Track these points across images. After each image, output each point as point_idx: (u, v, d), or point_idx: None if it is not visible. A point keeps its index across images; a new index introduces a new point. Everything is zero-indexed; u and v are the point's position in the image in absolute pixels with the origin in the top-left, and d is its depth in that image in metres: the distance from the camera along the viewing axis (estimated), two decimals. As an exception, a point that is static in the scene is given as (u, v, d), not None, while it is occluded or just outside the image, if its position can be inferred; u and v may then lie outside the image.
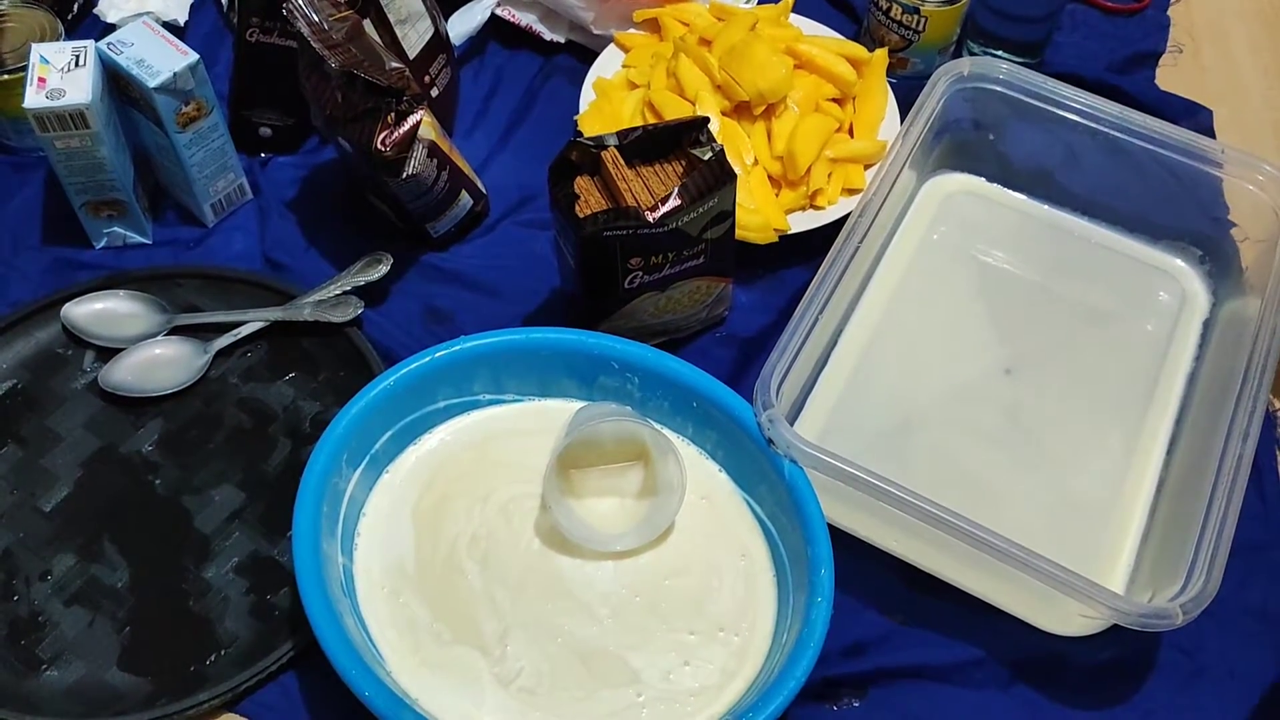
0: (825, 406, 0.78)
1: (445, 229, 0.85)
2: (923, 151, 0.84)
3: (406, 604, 0.65)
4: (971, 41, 0.99)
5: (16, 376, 0.78)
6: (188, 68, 0.76)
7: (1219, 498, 0.66)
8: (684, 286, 0.76)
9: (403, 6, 0.84)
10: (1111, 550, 0.73)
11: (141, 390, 0.77)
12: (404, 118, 0.75)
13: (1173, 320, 0.84)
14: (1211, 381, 0.78)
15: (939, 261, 0.86)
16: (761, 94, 0.84)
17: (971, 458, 0.77)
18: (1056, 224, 0.88)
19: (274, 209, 0.87)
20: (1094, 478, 0.76)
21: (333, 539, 0.65)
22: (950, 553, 0.68)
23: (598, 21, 0.94)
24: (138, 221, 0.83)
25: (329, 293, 0.81)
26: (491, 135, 0.93)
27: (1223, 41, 1.05)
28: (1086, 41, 1.01)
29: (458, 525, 0.68)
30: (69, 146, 0.76)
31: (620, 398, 0.72)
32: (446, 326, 0.82)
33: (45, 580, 0.70)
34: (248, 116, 0.88)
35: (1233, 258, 0.83)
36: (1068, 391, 0.80)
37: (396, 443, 0.70)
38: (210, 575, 0.71)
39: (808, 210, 0.85)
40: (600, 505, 0.70)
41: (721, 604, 0.67)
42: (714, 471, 0.72)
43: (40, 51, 0.76)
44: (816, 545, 0.64)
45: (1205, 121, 0.96)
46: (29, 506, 0.73)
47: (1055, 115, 0.84)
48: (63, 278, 0.83)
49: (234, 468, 0.75)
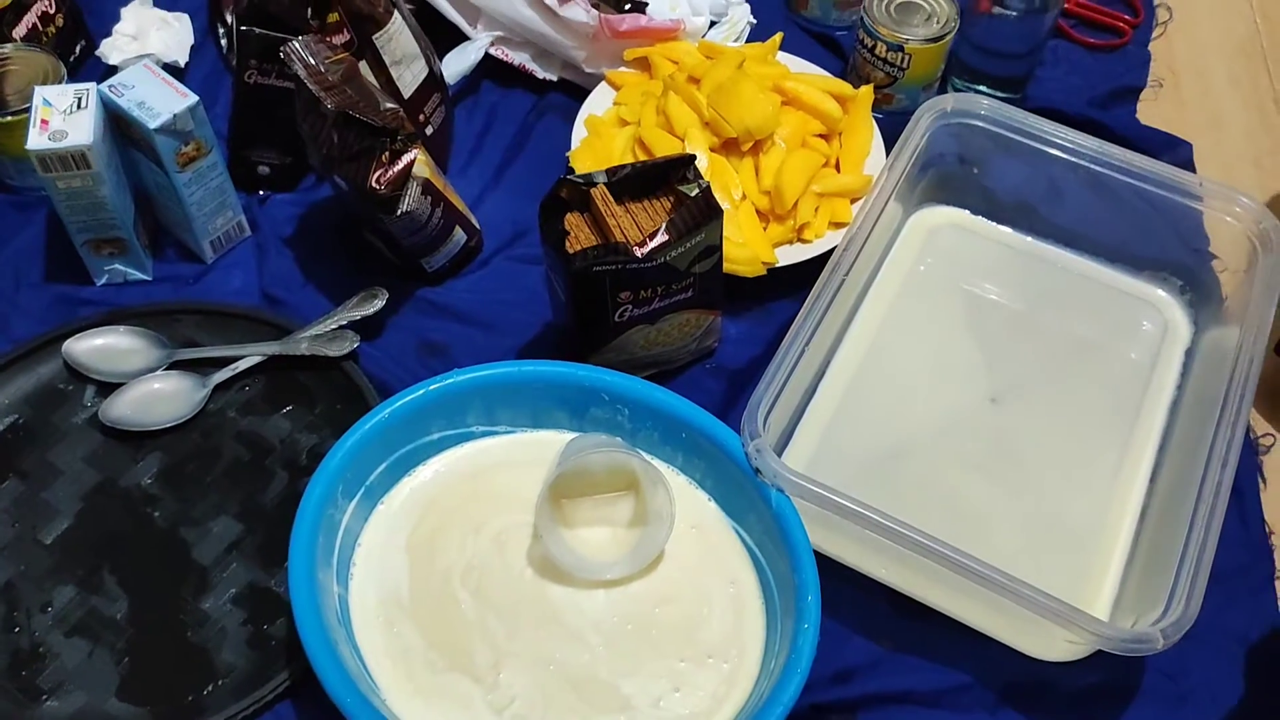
0: (813, 436, 0.79)
1: (440, 264, 0.86)
2: (908, 185, 0.85)
3: (401, 633, 0.66)
4: (955, 78, 1.01)
5: (18, 411, 0.79)
6: (188, 109, 0.78)
7: (1199, 524, 0.67)
8: (674, 319, 0.77)
9: (398, 48, 0.86)
10: (1096, 576, 0.74)
11: (141, 424, 0.78)
12: (398, 156, 0.77)
13: (1155, 349, 0.85)
14: (1193, 409, 0.79)
15: (925, 293, 0.88)
16: (749, 130, 0.86)
17: (958, 486, 0.78)
18: (1040, 255, 0.90)
19: (272, 245, 0.89)
20: (1079, 505, 0.77)
21: (328, 569, 0.67)
22: (937, 579, 0.69)
23: (589, 60, 0.96)
24: (138, 259, 0.85)
25: (325, 327, 0.82)
26: (485, 172, 0.95)
27: (1202, 76, 1.07)
28: (1068, 77, 1.03)
29: (451, 555, 0.69)
30: (71, 186, 0.78)
31: (611, 429, 0.74)
32: (441, 360, 0.83)
33: (46, 612, 0.71)
34: (246, 155, 0.90)
35: (1213, 288, 0.85)
36: (1053, 420, 0.81)
37: (391, 474, 0.72)
38: (208, 606, 0.72)
39: (795, 244, 0.86)
40: (592, 534, 0.71)
41: (711, 631, 0.68)
42: (703, 501, 0.73)
43: (43, 94, 0.78)
44: (803, 572, 0.65)
45: (1185, 155, 0.97)
46: (30, 539, 0.74)
47: (1038, 150, 0.85)
48: (64, 314, 0.84)
49: (232, 500, 0.76)
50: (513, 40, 0.98)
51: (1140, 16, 1.08)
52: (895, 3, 0.96)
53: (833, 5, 1.04)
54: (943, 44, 0.95)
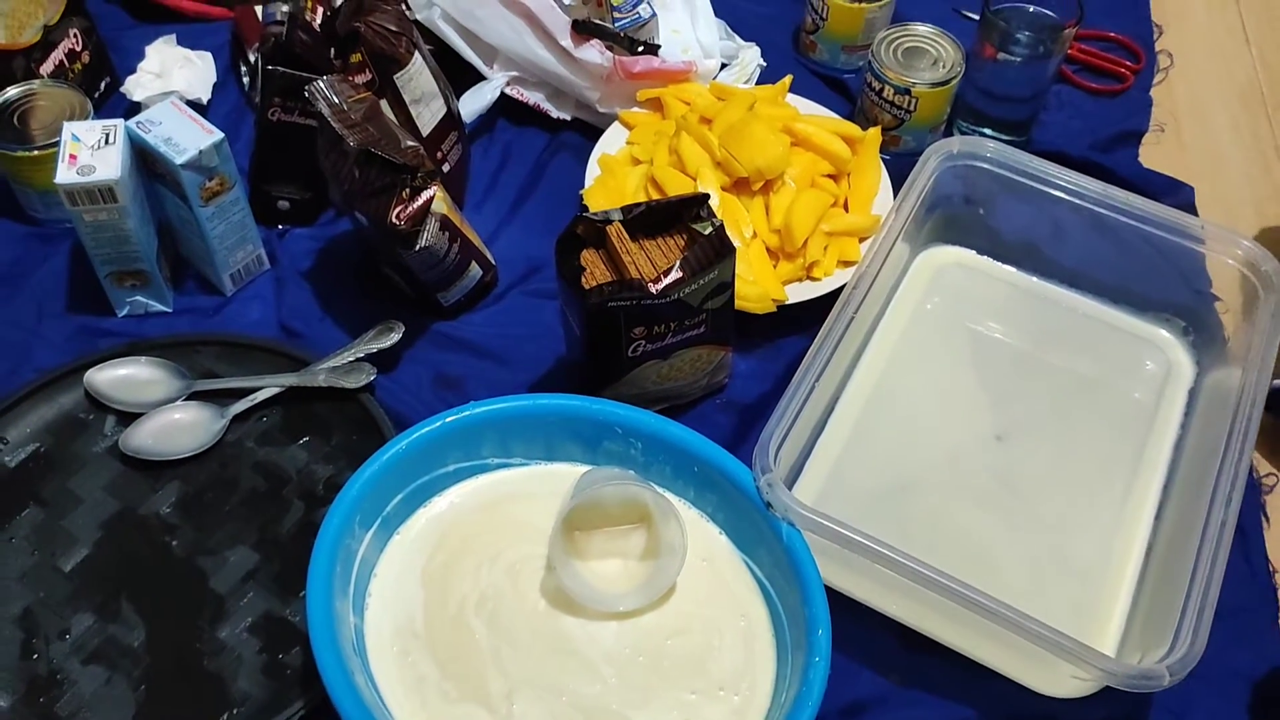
0: (822, 471, 0.80)
1: (455, 298, 0.88)
2: (915, 225, 0.87)
3: (415, 662, 0.67)
4: (961, 120, 1.03)
5: (40, 440, 0.80)
6: (213, 145, 0.80)
7: (1204, 561, 0.68)
8: (686, 355, 0.78)
9: (417, 87, 0.88)
10: (1102, 612, 0.75)
11: (161, 454, 0.79)
12: (418, 193, 0.79)
13: (1159, 389, 0.86)
14: (1197, 449, 0.80)
15: (932, 331, 0.89)
16: (760, 170, 0.88)
17: (965, 521, 0.79)
18: (1045, 295, 0.91)
19: (290, 279, 0.90)
20: (1085, 541, 0.78)
21: (345, 598, 0.67)
22: (945, 614, 0.70)
23: (603, 100, 0.98)
24: (159, 291, 0.86)
25: (342, 359, 0.83)
26: (500, 208, 0.96)
27: (1204, 121, 1.09)
28: (1072, 120, 1.05)
29: (466, 585, 0.70)
30: (97, 219, 0.80)
31: (624, 462, 0.75)
32: (456, 392, 0.84)
33: (64, 639, 0.72)
34: (267, 190, 0.91)
35: (1215, 329, 0.86)
36: (1058, 457, 0.82)
37: (407, 505, 0.73)
38: (224, 635, 0.72)
39: (804, 281, 0.88)
40: (604, 566, 0.72)
41: (722, 664, 0.68)
42: (714, 534, 0.74)
43: (72, 130, 0.80)
44: (814, 606, 0.66)
45: (1187, 198, 0.99)
46: (49, 566, 0.75)
47: (1042, 191, 0.87)
48: (86, 345, 0.85)
49: (249, 529, 0.77)
50: (528, 80, 1.00)
51: (1142, 62, 1.11)
52: (902, 47, 0.98)
53: (841, 49, 1.06)
54: (949, 88, 0.97)
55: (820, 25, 1.06)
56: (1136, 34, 1.13)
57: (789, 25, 1.11)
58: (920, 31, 0.99)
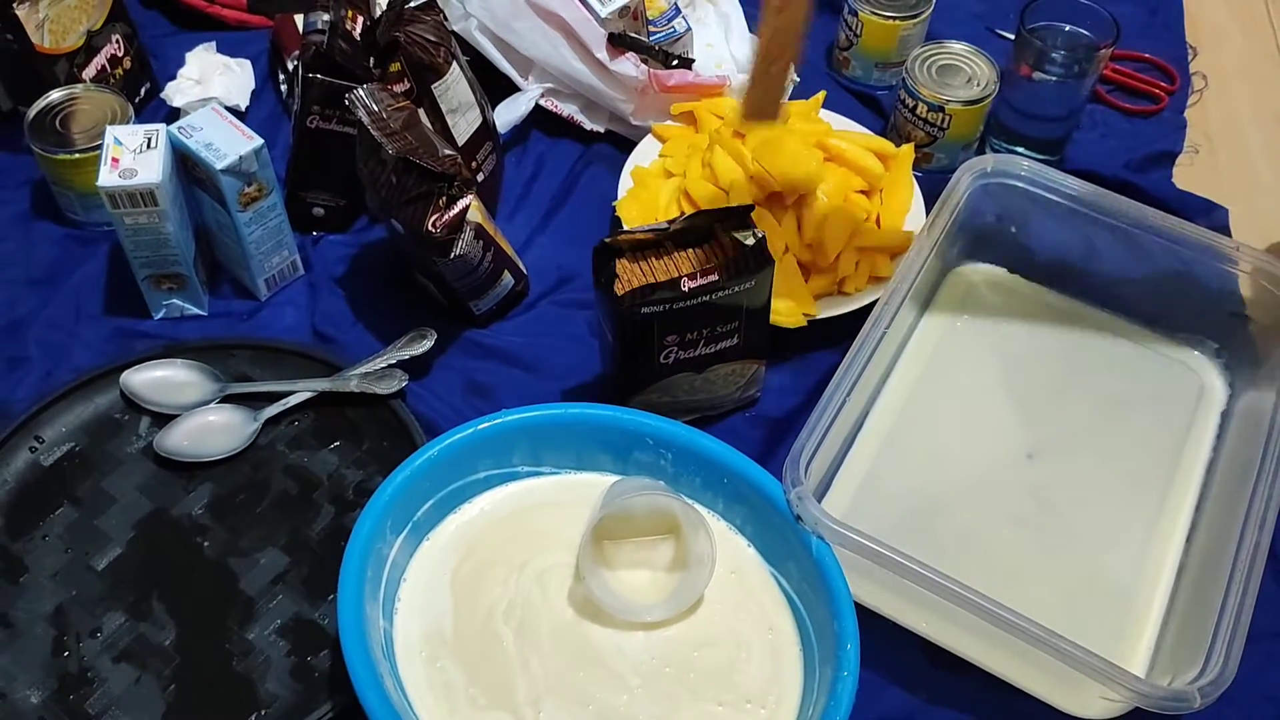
0: (851, 486, 0.80)
1: (487, 307, 0.88)
2: (947, 242, 0.87)
3: (444, 668, 0.67)
4: (994, 138, 1.03)
5: (75, 439, 0.81)
6: (253, 151, 0.81)
7: (1236, 583, 0.67)
8: (720, 370, 0.79)
9: (454, 97, 0.89)
10: (1133, 633, 0.74)
11: (194, 455, 0.80)
12: (454, 201, 0.79)
13: (1191, 410, 0.86)
14: (1229, 471, 0.80)
15: (962, 348, 0.89)
16: (793, 185, 0.88)
17: (995, 539, 0.79)
18: (1076, 314, 0.91)
19: (324, 285, 0.91)
20: (1116, 561, 0.78)
21: (375, 603, 0.68)
22: (974, 632, 0.70)
23: (637, 113, 0.99)
24: (195, 294, 0.87)
25: (375, 365, 0.84)
26: (533, 218, 0.97)
27: (1238, 143, 1.08)
28: (1105, 140, 1.05)
29: (495, 592, 0.71)
30: (137, 223, 0.81)
31: (654, 473, 0.75)
32: (487, 400, 0.85)
33: (95, 637, 0.72)
34: (303, 197, 0.92)
35: (1248, 352, 0.86)
36: (1089, 477, 0.82)
37: (438, 511, 0.73)
38: (253, 636, 0.73)
39: (836, 296, 0.88)
40: (632, 577, 0.72)
41: (749, 676, 0.68)
42: (743, 546, 0.74)
43: (115, 134, 0.81)
44: (843, 621, 0.66)
45: (1221, 219, 0.99)
46: (82, 565, 0.76)
47: (1075, 211, 0.86)
48: (122, 346, 0.86)
49: (279, 532, 0.77)
50: (562, 92, 1.01)
51: (1176, 84, 1.10)
52: (937, 64, 0.98)
53: (874, 66, 1.07)
54: (983, 106, 0.97)
55: (854, 41, 1.06)
56: (1171, 55, 1.13)
57: (823, 41, 1.11)
58: (955, 49, 0.99)
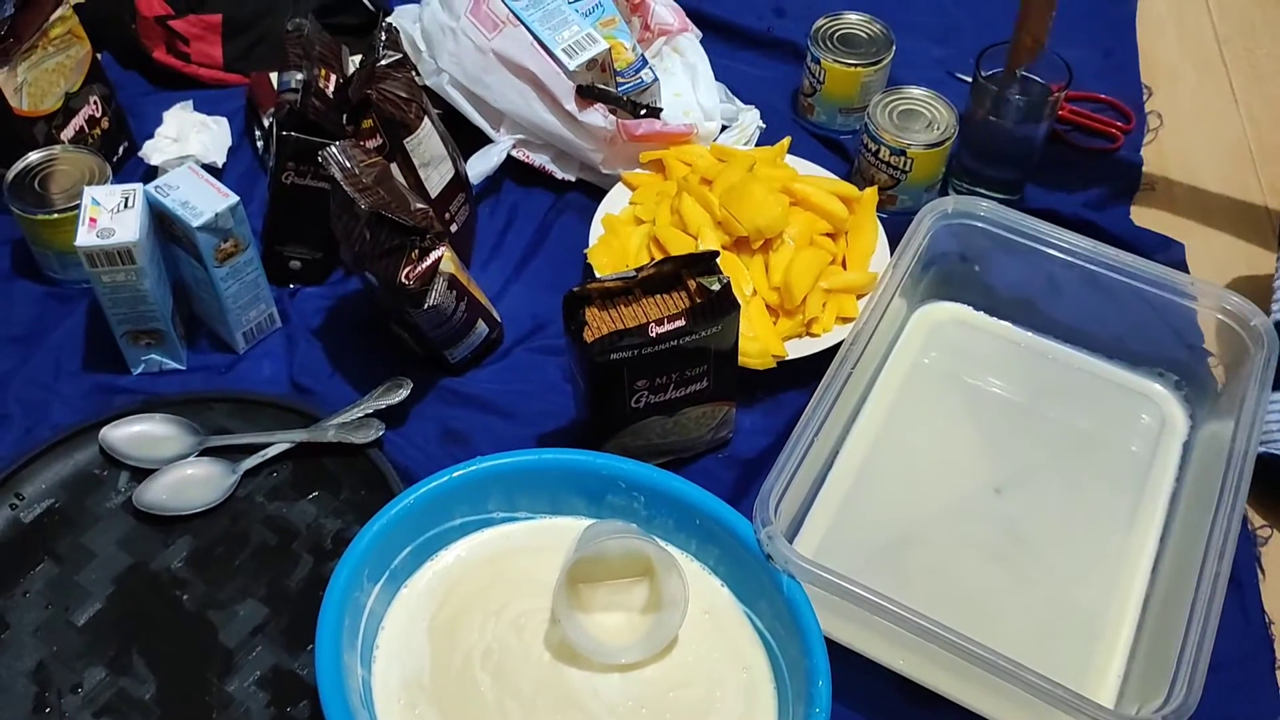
0: (822, 524, 0.81)
1: (462, 355, 0.90)
2: (912, 282, 0.89)
3: (422, 715, 0.68)
4: (956, 179, 1.05)
5: (55, 496, 0.82)
6: (228, 209, 0.82)
7: (1199, 613, 0.69)
8: (691, 412, 0.80)
9: (426, 151, 0.91)
10: (1101, 663, 0.75)
11: (173, 509, 0.81)
12: (426, 254, 0.81)
13: (1154, 442, 0.88)
14: (1191, 501, 0.81)
15: (929, 385, 0.91)
16: (759, 229, 0.90)
17: (965, 574, 0.80)
18: (1040, 350, 0.93)
19: (301, 336, 0.92)
20: (1085, 592, 0.79)
21: (353, 651, 0.68)
22: (945, 666, 0.71)
23: (606, 162, 1.01)
24: (174, 349, 0.89)
25: (351, 415, 0.85)
26: (506, 267, 0.99)
27: (1194, 179, 1.11)
28: (1064, 179, 1.07)
29: (472, 638, 0.71)
30: (115, 280, 0.82)
31: (627, 515, 0.76)
32: (463, 447, 0.86)
33: (76, 693, 0.73)
34: (280, 251, 0.94)
35: (1207, 383, 0.87)
36: (1056, 509, 0.83)
37: (415, 558, 0.74)
38: (233, 688, 0.73)
39: (804, 337, 0.90)
40: (607, 619, 0.73)
41: (724, 715, 0.69)
42: (716, 586, 0.75)
43: (92, 194, 0.83)
44: (814, 657, 0.67)
45: (1178, 255, 1.01)
46: (62, 621, 0.76)
47: (1036, 249, 0.88)
48: (101, 402, 0.87)
49: (258, 583, 0.78)
50: (534, 143, 1.03)
51: (1132, 123, 1.13)
52: (898, 109, 1.01)
53: (838, 111, 1.09)
54: (943, 149, 1.00)
55: (818, 88, 1.09)
56: (1127, 96, 1.16)
57: (787, 88, 1.14)
58: (915, 94, 1.02)
